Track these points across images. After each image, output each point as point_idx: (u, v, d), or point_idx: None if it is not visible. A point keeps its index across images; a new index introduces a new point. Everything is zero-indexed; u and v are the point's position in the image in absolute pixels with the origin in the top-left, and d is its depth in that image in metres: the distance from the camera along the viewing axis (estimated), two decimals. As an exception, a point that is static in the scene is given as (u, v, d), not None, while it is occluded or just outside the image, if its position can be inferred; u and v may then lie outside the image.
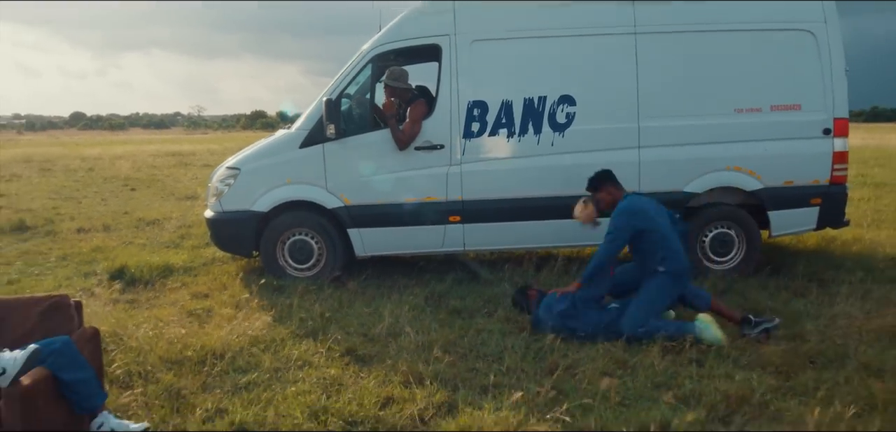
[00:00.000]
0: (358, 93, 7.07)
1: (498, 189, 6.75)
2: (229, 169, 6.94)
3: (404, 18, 6.84)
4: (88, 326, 3.86)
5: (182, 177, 19.37)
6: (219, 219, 6.93)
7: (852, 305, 5.53)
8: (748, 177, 6.80)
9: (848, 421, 3.48)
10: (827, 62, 6.73)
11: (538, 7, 6.77)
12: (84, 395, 3.42)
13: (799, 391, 3.87)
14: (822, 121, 6.79)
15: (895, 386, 3.92)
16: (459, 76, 6.71)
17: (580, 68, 6.76)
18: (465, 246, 6.96)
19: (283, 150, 6.86)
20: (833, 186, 6.88)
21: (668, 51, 6.76)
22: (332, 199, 6.73)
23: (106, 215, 11.97)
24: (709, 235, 6.88)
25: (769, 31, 6.82)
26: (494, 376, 4.15)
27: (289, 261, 6.85)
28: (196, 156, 28.25)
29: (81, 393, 3.41)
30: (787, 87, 6.80)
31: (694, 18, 6.79)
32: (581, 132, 6.70)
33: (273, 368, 4.45)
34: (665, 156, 6.74)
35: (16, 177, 20.19)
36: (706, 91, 6.79)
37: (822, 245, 8.13)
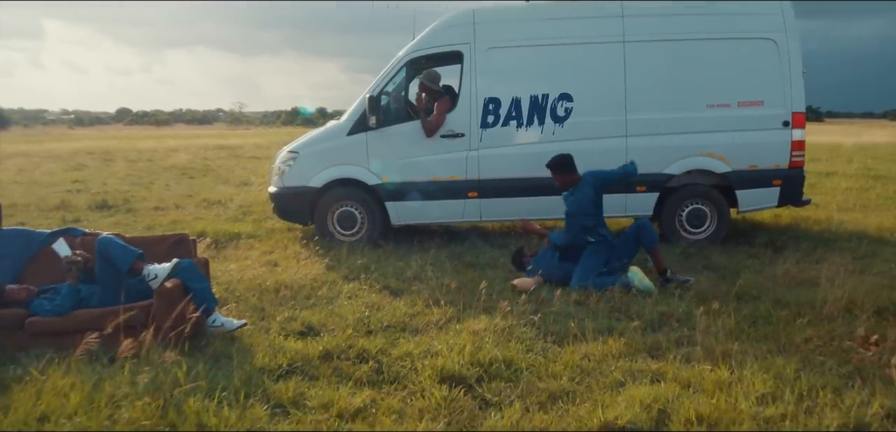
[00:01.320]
0: (394, 90, 8.55)
1: (509, 170, 8.14)
2: (290, 152, 8.50)
3: (433, 30, 8.32)
4: (201, 256, 5.42)
5: (234, 167, 21.10)
6: (281, 193, 8.49)
7: (791, 264, 6.84)
8: (718, 161, 8.12)
9: (737, 324, 4.89)
10: (786, 66, 8.02)
11: (542, 22, 8.20)
12: (204, 299, 4.95)
13: (715, 312, 5.23)
14: (781, 115, 8.08)
15: (790, 313, 5.27)
16: (477, 77, 8.16)
17: (577, 71, 8.14)
18: (482, 217, 8.42)
19: (333, 137, 8.41)
20: (792, 170, 8.17)
21: (652, 57, 8.11)
22: (372, 178, 8.23)
23: (174, 197, 13.66)
24: (685, 210, 8.21)
25: (738, 39, 8.14)
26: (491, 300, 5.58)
27: (337, 227, 8.37)
28: (244, 149, 30.10)
29: (202, 298, 4.94)
30: (752, 86, 8.10)
31: (674, 31, 8.14)
32: (577, 124, 8.08)
33: (328, 296, 5.96)
34: (648, 144, 8.06)
35: (84, 166, 22.17)
36: (683, 90, 8.12)
37: (793, 223, 9.40)
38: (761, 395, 3.71)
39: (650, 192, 8.12)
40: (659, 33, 8.13)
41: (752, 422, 3.41)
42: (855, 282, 5.82)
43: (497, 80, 8.16)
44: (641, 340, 4.74)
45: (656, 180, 8.07)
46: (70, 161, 23.95)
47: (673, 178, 8.17)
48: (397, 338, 4.86)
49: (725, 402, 3.62)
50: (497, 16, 8.32)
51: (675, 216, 8.21)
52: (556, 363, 4.32)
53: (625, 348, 4.58)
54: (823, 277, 5.83)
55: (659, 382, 3.99)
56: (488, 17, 8.26)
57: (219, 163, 22.70)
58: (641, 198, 8.11)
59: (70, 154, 27.07)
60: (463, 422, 3.55)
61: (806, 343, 4.67)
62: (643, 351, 4.56)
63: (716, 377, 3.96)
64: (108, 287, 4.86)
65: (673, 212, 8.21)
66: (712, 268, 6.94)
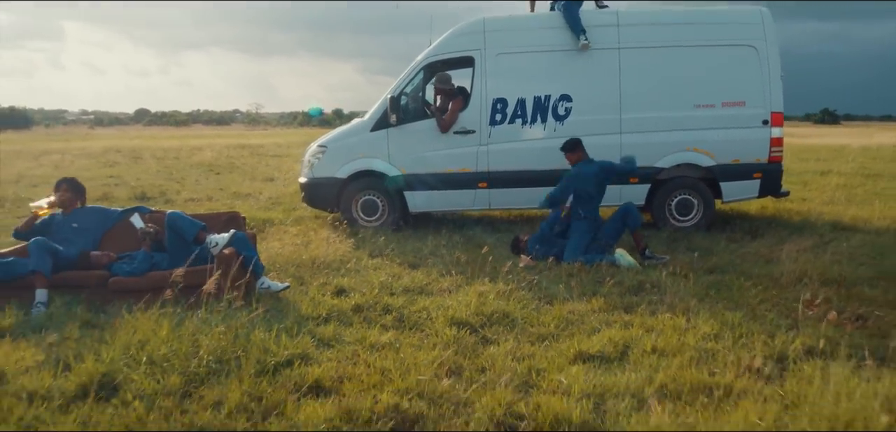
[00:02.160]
0: (412, 91, 9.51)
1: (514, 163, 9.07)
2: (319, 146, 9.49)
3: (447, 37, 9.28)
4: (248, 231, 6.41)
5: (257, 165, 22.16)
6: (311, 183, 9.48)
7: (762, 246, 7.73)
8: (704, 156, 9.01)
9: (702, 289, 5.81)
10: (766, 70, 8.90)
11: (545, 31, 9.12)
12: (254, 265, 5.92)
13: (684, 280, 6.14)
14: (761, 115, 8.95)
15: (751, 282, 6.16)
16: (487, 79, 9.10)
17: (577, 74, 9.06)
18: (490, 205, 9.37)
19: (358, 133, 9.39)
20: (770, 164, 9.04)
21: (644, 62, 9.01)
22: (392, 169, 9.19)
23: (206, 190, 14.72)
24: (674, 200, 9.10)
25: (722, 46, 9.03)
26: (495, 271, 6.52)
27: (361, 214, 9.33)
28: (265, 148, 31.20)
29: (253, 263, 5.92)
30: (734, 88, 8.97)
31: (664, 38, 9.04)
32: (576, 122, 8.99)
33: (356, 268, 6.93)
34: (641, 140, 8.94)
35: (116, 163, 23.34)
36: (672, 91, 9.01)
37: (776, 214, 10.27)
38: (707, 335, 4.63)
39: (642, 184, 9.01)
40: (650, 41, 9.03)
41: (694, 352, 4.32)
42: (810, 258, 6.72)
43: (504, 82, 9.10)
44: (619, 300, 5.67)
45: (648, 173, 8.96)
46: (101, 158, 25.17)
47: (663, 171, 9.06)
48: (415, 298, 5.83)
49: (677, 339, 4.55)
50: (505, 25, 9.26)
51: (665, 205, 9.10)
52: (546, 315, 5.25)
53: (604, 305, 5.51)
54: (784, 255, 6.73)
55: (628, 328, 4.91)
56: (497, 25, 9.20)
57: (242, 161, 23.76)
58: (634, 189, 8.98)
59: (100, 152, 28.31)
60: (468, 352, 4.49)
61: (759, 304, 5.56)
62: (619, 308, 5.49)
63: (673, 323, 4.89)
64: (176, 253, 5.85)
65: (663, 201, 9.10)
66: (693, 249, 7.81)
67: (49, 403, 3.64)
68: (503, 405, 3.57)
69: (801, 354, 4.27)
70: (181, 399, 3.71)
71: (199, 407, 3.62)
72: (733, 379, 3.88)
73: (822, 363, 3.98)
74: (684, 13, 9.32)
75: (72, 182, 6.44)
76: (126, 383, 3.82)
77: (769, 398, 3.63)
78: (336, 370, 4.11)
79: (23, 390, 3.76)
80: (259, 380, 3.89)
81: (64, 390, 3.78)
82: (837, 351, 4.13)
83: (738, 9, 9.23)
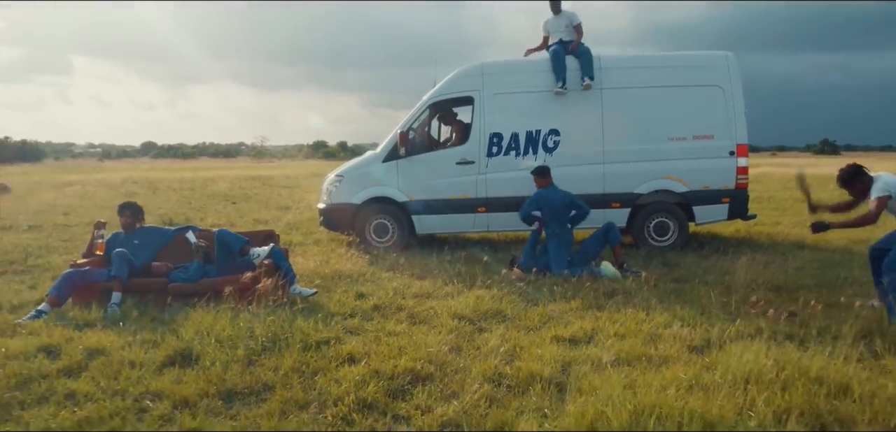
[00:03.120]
0: (419, 126, 10.71)
1: (509, 190, 10.19)
2: (336, 176, 10.68)
3: (450, 79, 10.50)
4: (282, 245, 7.57)
5: (271, 195, 23.39)
6: (329, 208, 10.66)
7: (726, 261, 8.85)
8: (678, 183, 10.17)
9: (665, 293, 6.94)
10: (731, 107, 10.08)
11: (536, 73, 10.33)
12: (288, 273, 7.06)
13: (657, 288, 7.26)
14: (728, 146, 10.12)
15: (708, 287, 7.28)
16: (485, 116, 10.30)
17: (564, 112, 10.24)
18: (489, 228, 10.52)
19: (371, 164, 10.58)
20: (737, 190, 10.18)
21: (624, 100, 10.20)
22: (402, 196, 10.37)
23: (227, 218, 15.90)
24: (652, 222, 10.23)
25: (693, 86, 10.22)
26: (491, 281, 7.66)
27: (373, 236, 10.49)
28: (275, 179, 32.49)
29: (287, 272, 7.05)
30: (704, 123, 10.14)
31: (641, 80, 10.24)
32: (564, 153, 10.16)
33: (372, 279, 8.07)
34: (621, 169, 10.14)
35: (134, 193, 24.56)
36: (649, 125, 10.18)
37: (747, 236, 11.41)
38: (660, 324, 5.76)
39: (623, 208, 10.17)
40: (629, 82, 10.24)
41: (646, 335, 5.45)
42: (761, 269, 7.85)
43: (500, 118, 10.29)
44: (593, 302, 6.79)
45: (628, 198, 10.13)
46: (120, 189, 26.40)
47: (641, 197, 10.21)
48: (423, 300, 6.96)
49: (635, 327, 5.67)
50: (501, 68, 10.48)
51: (644, 227, 10.24)
52: (531, 312, 6.38)
53: (580, 305, 6.64)
54: (739, 267, 7.86)
55: (597, 320, 6.04)
56: (494, 69, 10.43)
57: (255, 191, 24.99)
58: (616, 212, 10.12)
59: (118, 183, 29.60)
60: (466, 336, 5.62)
61: (709, 303, 6.68)
62: (593, 307, 6.61)
63: (635, 316, 6.01)
64: (223, 264, 7.02)
65: (642, 223, 10.24)
66: (666, 265, 8.94)
67: (147, 368, 4.78)
68: (492, 369, 4.70)
69: (733, 337, 5.38)
70: (247, 364, 4.85)
71: (261, 369, 4.75)
72: (673, 353, 5.01)
73: (747, 342, 5.09)
74: (659, 58, 10.57)
75: (133, 206, 7.61)
76: (203, 354, 4.96)
77: (696, 363, 4.75)
78: (363, 347, 5.25)
79: (125, 359, 4.90)
80: (304, 353, 5.04)
81: (155, 360, 4.92)
82: (762, 335, 5.24)
83: (706, 54, 10.44)
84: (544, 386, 4.41)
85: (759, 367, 4.36)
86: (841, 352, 4.71)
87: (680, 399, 3.95)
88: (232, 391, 4.44)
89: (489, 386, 4.42)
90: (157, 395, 4.34)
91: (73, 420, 4.00)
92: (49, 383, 4.56)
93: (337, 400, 4.20)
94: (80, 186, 27.20)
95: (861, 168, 6.45)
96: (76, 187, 26.32)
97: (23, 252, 10.45)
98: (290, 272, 7.12)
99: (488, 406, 4.13)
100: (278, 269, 6.98)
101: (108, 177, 35.61)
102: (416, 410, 4.10)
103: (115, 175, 37.66)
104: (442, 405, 4.15)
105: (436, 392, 4.38)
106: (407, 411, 4.11)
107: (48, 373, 4.72)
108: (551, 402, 4.14)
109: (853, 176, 6.44)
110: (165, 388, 4.42)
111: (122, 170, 47.29)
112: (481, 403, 4.15)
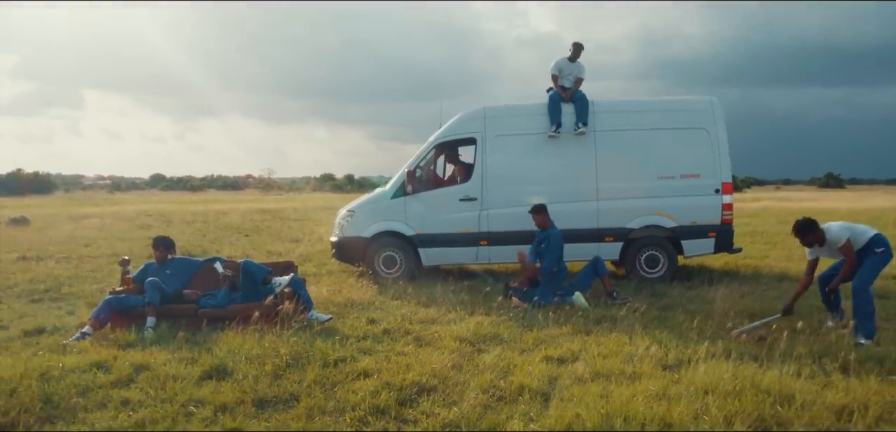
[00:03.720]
0: (425, 165, 11.49)
1: (509, 225, 10.94)
2: (348, 211, 11.46)
3: (455, 122, 11.30)
4: (300, 275, 8.31)
5: (282, 228, 24.14)
6: (341, 241, 11.42)
7: (709, 291, 9.53)
8: (667, 219, 10.88)
9: (649, 319, 7.63)
10: (716, 148, 10.84)
11: (534, 117, 11.13)
12: (306, 301, 7.79)
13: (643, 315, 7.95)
14: (714, 185, 10.85)
15: (689, 315, 7.96)
16: (486, 156, 11.08)
17: (560, 152, 11.02)
18: (490, 260, 11.25)
19: (381, 200, 11.35)
20: (723, 225, 10.89)
21: (616, 142, 10.97)
22: (409, 230, 11.12)
23: (242, 249, 16.66)
24: (643, 255, 10.94)
25: (680, 129, 10.99)
26: (491, 309, 8.36)
27: (382, 267, 11.22)
28: (284, 212, 33.26)
29: (305, 300, 7.78)
30: (691, 163, 10.89)
31: (632, 123, 11.02)
32: (560, 191, 10.89)
33: (382, 307, 8.78)
34: (614, 206, 10.88)
35: (149, 226, 25.37)
36: (640, 165, 10.93)
37: (733, 268, 12.09)
38: (640, 345, 6.45)
39: (616, 241, 10.90)
40: (621, 125, 11.02)
41: (626, 356, 6.14)
42: (738, 298, 8.54)
43: (501, 158, 11.07)
44: (582, 327, 7.49)
45: (621, 232, 10.86)
46: (135, 221, 27.21)
47: (633, 231, 10.93)
48: (429, 326, 7.67)
49: (617, 347, 6.37)
50: (501, 112, 11.28)
51: (636, 259, 10.94)
52: (526, 336, 7.07)
53: (570, 330, 7.33)
54: (718, 296, 8.55)
55: (584, 343, 6.73)
56: (495, 113, 11.23)
57: (267, 224, 25.75)
58: (610, 246, 10.86)
59: (133, 215, 30.42)
60: (466, 356, 6.32)
61: (689, 328, 7.36)
62: (582, 332, 7.30)
63: (618, 339, 6.71)
64: (248, 291, 7.76)
65: (634, 256, 10.95)
66: (654, 294, 9.63)
67: (188, 381, 5.50)
68: (488, 382, 5.41)
69: (703, 357, 6.07)
70: (274, 378, 5.57)
71: (287, 382, 5.47)
72: (647, 370, 5.70)
73: (714, 361, 5.78)
74: (649, 103, 11.36)
75: (166, 240, 8.38)
76: (235, 369, 5.68)
77: (665, 378, 5.44)
78: (375, 364, 5.96)
79: (168, 373, 5.63)
80: (324, 369, 5.76)
81: (193, 374, 5.65)
82: (730, 356, 5.93)
83: (693, 99, 11.22)
84: (532, 395, 5.12)
85: (718, 380, 5.06)
86: (793, 369, 5.40)
87: (646, 405, 4.65)
88: (263, 399, 5.16)
89: (485, 396, 5.12)
90: (199, 402, 5.07)
91: (130, 422, 4.73)
92: (105, 392, 5.29)
93: (354, 407, 4.92)
94: (97, 219, 28.02)
95: (815, 222, 7.21)
96: (93, 220, 27.15)
97: (55, 281, 11.20)
98: (308, 300, 7.85)
99: (483, 411, 4.84)
100: (297, 297, 7.71)
101: (122, 209, 36.49)
102: (422, 415, 4.82)
103: (128, 207, 38.55)
104: (444, 411, 4.86)
105: (438, 400, 5.08)
106: (414, 416, 4.82)
107: (103, 385, 5.45)
108: (537, 409, 4.84)
109: (808, 228, 7.20)
110: (206, 397, 5.14)
111: (134, 203, 48.19)
112: (478, 409, 4.86)
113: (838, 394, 4.95)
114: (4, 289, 10.49)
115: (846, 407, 4.71)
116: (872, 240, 7.12)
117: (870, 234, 7.18)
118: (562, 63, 11.37)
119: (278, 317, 7.16)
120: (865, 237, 7.17)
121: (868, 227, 7.33)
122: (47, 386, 5.28)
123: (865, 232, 7.21)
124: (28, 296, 9.93)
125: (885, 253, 7.06)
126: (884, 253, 7.05)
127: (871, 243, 7.11)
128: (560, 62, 11.38)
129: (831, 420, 4.54)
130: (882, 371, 5.60)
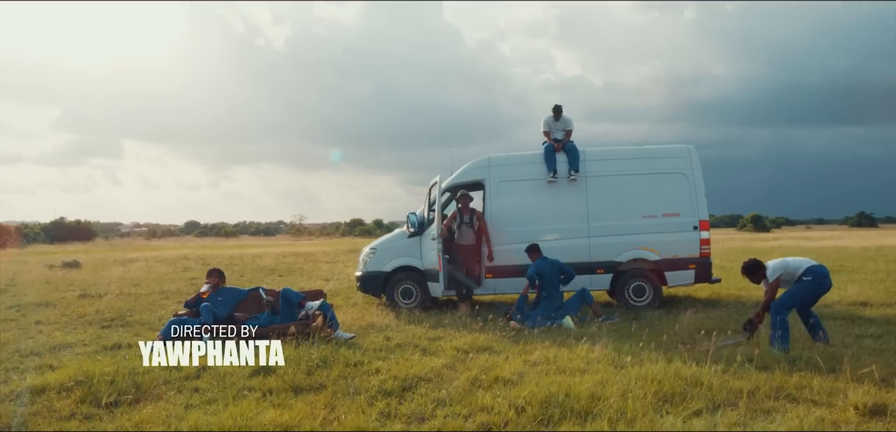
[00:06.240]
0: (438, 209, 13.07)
1: (512, 259, 12.45)
2: (371, 249, 13.09)
3: (464, 170, 12.92)
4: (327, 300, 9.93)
5: (314, 269, 25.84)
6: (365, 275, 13.02)
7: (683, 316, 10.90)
8: (652, 253, 12.31)
9: (623, 336, 9.07)
10: (693, 190, 12.29)
11: (534, 165, 12.70)
12: (333, 321, 9.37)
13: (616, 332, 9.37)
14: (692, 222, 12.28)
15: (659, 333, 9.36)
16: (492, 199, 12.66)
17: (556, 195, 12.55)
18: (496, 291, 12.75)
19: (399, 239, 12.97)
20: (701, 258, 12.28)
21: (605, 186, 12.48)
22: (423, 265, 12.69)
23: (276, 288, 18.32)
24: (631, 286, 12.34)
25: (661, 174, 12.47)
26: (495, 330, 9.85)
27: (400, 298, 12.77)
28: (315, 255, 35.04)
29: (332, 320, 9.36)
30: (671, 203, 12.34)
31: (618, 169, 12.54)
32: (556, 228, 12.41)
33: (398, 329, 10.32)
34: (604, 242, 12.34)
35: (190, 268, 27.28)
36: (625, 205, 12.40)
37: (719, 297, 13.43)
38: (605, 354, 7.89)
39: (606, 273, 12.34)
40: (609, 171, 12.55)
41: (589, 360, 7.59)
42: (704, 319, 9.93)
43: (505, 201, 12.63)
44: (566, 343, 8.95)
45: (610, 265, 12.30)
46: (177, 264, 29.16)
47: (621, 264, 12.36)
48: (435, 341, 9.19)
49: (584, 353, 7.83)
50: (505, 161, 12.88)
51: (624, 289, 12.35)
52: (513, 347, 8.56)
53: (552, 344, 8.80)
54: (685, 317, 9.96)
55: (559, 351, 8.19)
56: (499, 161, 12.84)
57: (298, 266, 27.48)
58: (601, 278, 12.31)
59: (174, 259, 32.48)
60: (460, 359, 7.83)
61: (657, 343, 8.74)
62: (565, 347, 8.76)
63: (585, 347, 8.16)
64: (286, 314, 9.37)
65: (623, 287, 12.36)
66: (638, 319, 11.02)
67: (240, 375, 7.10)
68: (473, 376, 6.92)
69: (652, 359, 7.49)
70: (307, 373, 7.14)
71: (317, 376, 7.04)
72: (600, 367, 7.16)
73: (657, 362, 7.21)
74: (633, 151, 12.88)
75: (219, 272, 10.06)
76: (277, 369, 7.27)
77: (612, 371, 6.89)
78: (388, 367, 7.51)
79: (224, 371, 7.24)
80: (346, 369, 7.32)
81: (244, 371, 7.25)
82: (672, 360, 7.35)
83: (672, 147, 12.72)
84: (504, 383, 6.62)
85: (650, 371, 6.51)
86: (721, 368, 6.82)
87: (586, 386, 6.13)
88: (299, 387, 6.73)
89: (469, 384, 6.64)
90: (251, 389, 6.65)
91: (202, 400, 6.33)
92: (179, 383, 6.91)
93: (367, 390, 6.46)
94: (142, 262, 30.11)
95: (760, 262, 8.61)
96: (139, 263, 29.21)
97: (118, 312, 12.95)
98: (335, 320, 9.44)
99: (466, 393, 6.35)
100: (326, 317, 9.30)
101: (162, 254, 38.71)
102: (419, 395, 6.35)
103: (169, 253, 40.77)
104: (436, 392, 6.40)
105: (433, 387, 6.62)
106: (413, 396, 6.35)
107: (177, 378, 7.08)
108: (506, 391, 6.34)
109: (754, 268, 8.60)
110: (256, 384, 6.74)
111: (173, 249, 50.57)
112: (462, 391, 6.38)
113: (741, 382, 6.38)
114: (76, 319, 12.25)
115: (742, 390, 6.13)
116: (805, 272, 8.44)
117: (804, 266, 8.49)
118: (549, 121, 13.00)
119: (310, 331, 8.74)
120: (800, 269, 8.48)
121: (805, 260, 8.63)
122: (137, 378, 6.91)
123: (800, 265, 8.52)
124: (98, 323, 11.66)
125: (812, 282, 8.38)
126: (810, 282, 8.37)
127: (803, 274, 8.44)
128: (548, 120, 13.04)
129: (725, 396, 5.97)
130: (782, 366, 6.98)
